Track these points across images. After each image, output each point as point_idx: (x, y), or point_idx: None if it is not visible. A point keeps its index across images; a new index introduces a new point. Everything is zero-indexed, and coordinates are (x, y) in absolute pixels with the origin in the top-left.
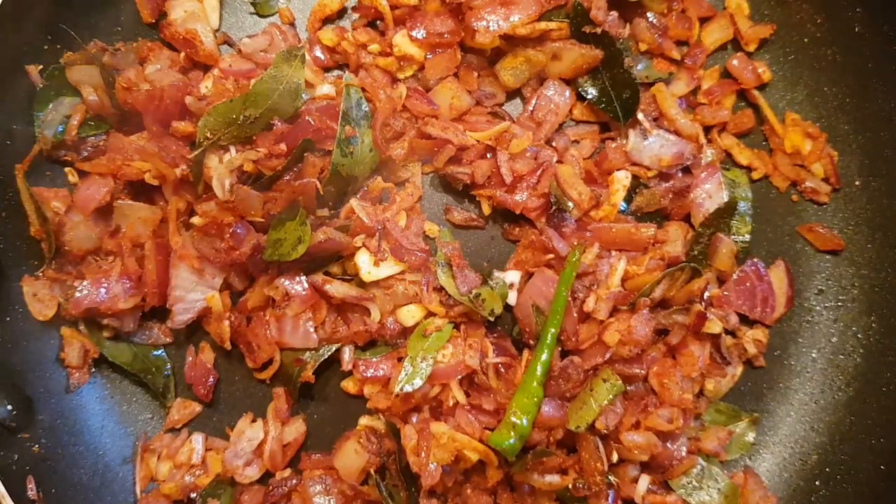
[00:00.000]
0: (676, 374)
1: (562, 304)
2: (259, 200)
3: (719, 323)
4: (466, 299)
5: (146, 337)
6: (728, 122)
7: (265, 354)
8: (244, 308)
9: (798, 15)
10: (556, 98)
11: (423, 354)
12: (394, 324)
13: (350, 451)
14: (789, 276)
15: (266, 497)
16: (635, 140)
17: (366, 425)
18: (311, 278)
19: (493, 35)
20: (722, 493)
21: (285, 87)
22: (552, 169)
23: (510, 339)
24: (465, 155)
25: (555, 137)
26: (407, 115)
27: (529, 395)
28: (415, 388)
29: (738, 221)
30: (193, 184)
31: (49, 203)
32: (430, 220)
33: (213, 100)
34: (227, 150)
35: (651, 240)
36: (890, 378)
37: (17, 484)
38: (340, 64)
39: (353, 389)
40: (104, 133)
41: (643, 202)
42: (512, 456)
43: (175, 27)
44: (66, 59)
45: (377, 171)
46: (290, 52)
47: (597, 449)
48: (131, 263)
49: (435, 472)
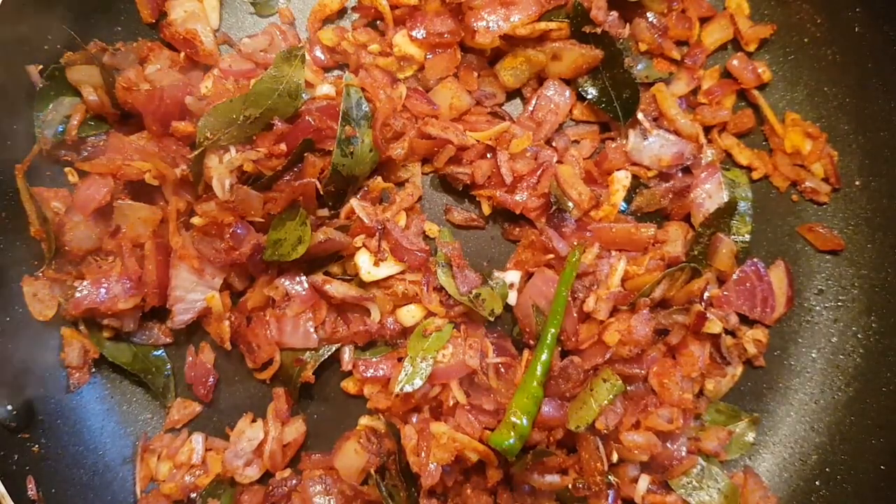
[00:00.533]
0: (676, 374)
1: (562, 304)
2: (259, 200)
3: (719, 323)
4: (466, 299)
5: (146, 337)
6: (728, 122)
7: (265, 354)
8: (244, 308)
9: (798, 15)
10: (557, 98)
11: (423, 354)
12: (394, 324)
13: (350, 452)
14: (789, 276)
15: (266, 497)
16: (635, 140)
17: (366, 425)
18: (311, 278)
19: (493, 35)
20: (722, 493)
21: (285, 87)
22: (552, 169)
23: (510, 339)
24: (465, 155)
25: (555, 137)
26: (407, 115)
27: (529, 395)
28: (415, 388)
29: (738, 221)
30: (193, 184)
31: (49, 203)
32: (430, 220)
33: (213, 100)
34: (227, 151)
35: (651, 240)
36: (890, 378)
37: (17, 484)
38: (340, 64)
39: (353, 389)
40: (104, 133)
41: (643, 202)
42: (512, 456)
43: (175, 27)
44: (66, 59)
45: (377, 171)
46: (290, 53)
47: (597, 449)
48: (131, 263)
49: (435, 472)
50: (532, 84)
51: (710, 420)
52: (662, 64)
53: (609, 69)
